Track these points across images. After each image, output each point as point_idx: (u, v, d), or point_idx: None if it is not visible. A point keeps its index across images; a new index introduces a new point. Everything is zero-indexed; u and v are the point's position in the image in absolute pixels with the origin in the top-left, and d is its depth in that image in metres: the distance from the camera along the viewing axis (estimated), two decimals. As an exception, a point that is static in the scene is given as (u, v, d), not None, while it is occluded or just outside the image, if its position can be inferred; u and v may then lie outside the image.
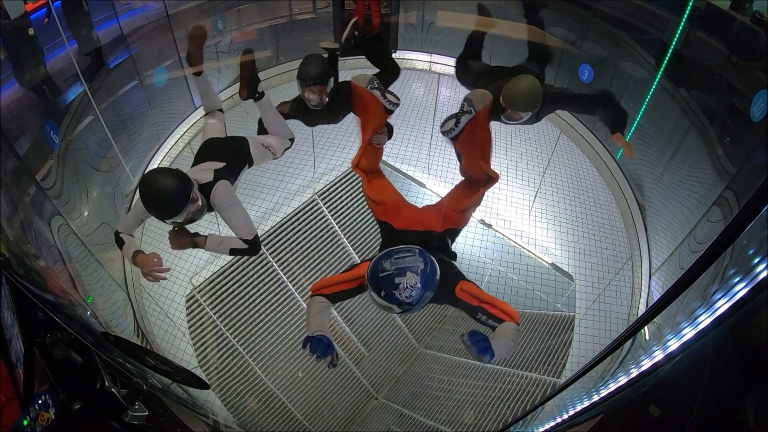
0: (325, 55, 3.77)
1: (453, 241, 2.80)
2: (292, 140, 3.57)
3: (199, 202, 2.62)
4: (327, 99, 3.32)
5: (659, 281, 4.41)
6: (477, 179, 2.86)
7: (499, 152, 6.82)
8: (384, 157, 6.88)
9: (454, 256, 2.70)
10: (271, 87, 6.07)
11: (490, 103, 2.55)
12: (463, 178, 3.05)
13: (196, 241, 2.81)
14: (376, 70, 4.01)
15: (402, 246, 2.18)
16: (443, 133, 2.70)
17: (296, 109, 3.60)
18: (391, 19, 6.59)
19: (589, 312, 5.08)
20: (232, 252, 2.87)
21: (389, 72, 3.95)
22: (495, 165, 6.73)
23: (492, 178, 2.85)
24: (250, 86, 3.32)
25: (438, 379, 6.67)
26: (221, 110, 3.49)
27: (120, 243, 2.79)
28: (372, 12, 5.88)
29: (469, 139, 2.67)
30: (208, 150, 3.09)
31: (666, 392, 1.32)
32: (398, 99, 3.07)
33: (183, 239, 2.80)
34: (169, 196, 2.42)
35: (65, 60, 4.24)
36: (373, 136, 3.07)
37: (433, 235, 2.64)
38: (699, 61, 4.33)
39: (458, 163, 3.08)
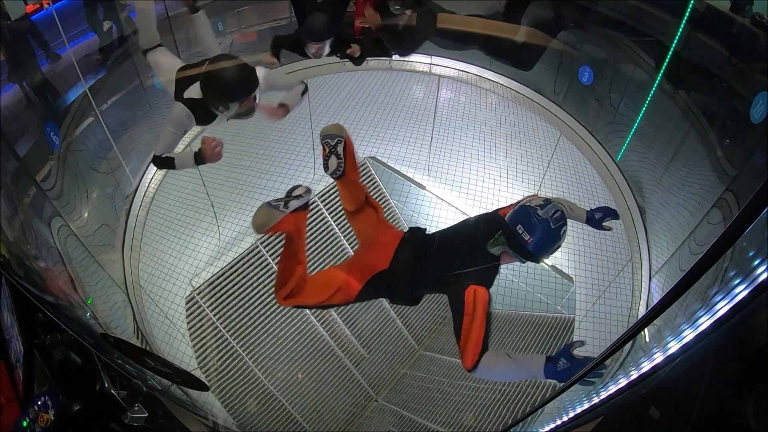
0: None
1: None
2: None
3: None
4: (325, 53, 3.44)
5: (659, 283, 4.41)
6: (361, 202, 2.62)
7: (499, 153, 6.84)
8: (384, 159, 6.94)
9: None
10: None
11: (349, 137, 2.41)
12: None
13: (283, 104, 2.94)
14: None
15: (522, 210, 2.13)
16: (332, 174, 2.37)
17: (282, 43, 3.72)
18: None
19: (589, 314, 5.08)
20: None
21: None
22: (495, 166, 6.75)
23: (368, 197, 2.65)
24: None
25: (438, 381, 6.66)
26: None
27: (168, 162, 2.69)
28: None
29: (353, 171, 2.45)
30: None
31: (666, 394, 1.32)
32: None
33: (273, 108, 2.89)
34: (249, 70, 2.59)
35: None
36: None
37: (413, 233, 2.50)
38: (699, 62, 4.34)
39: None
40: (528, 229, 2.07)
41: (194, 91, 2.71)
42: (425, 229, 2.51)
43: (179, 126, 2.71)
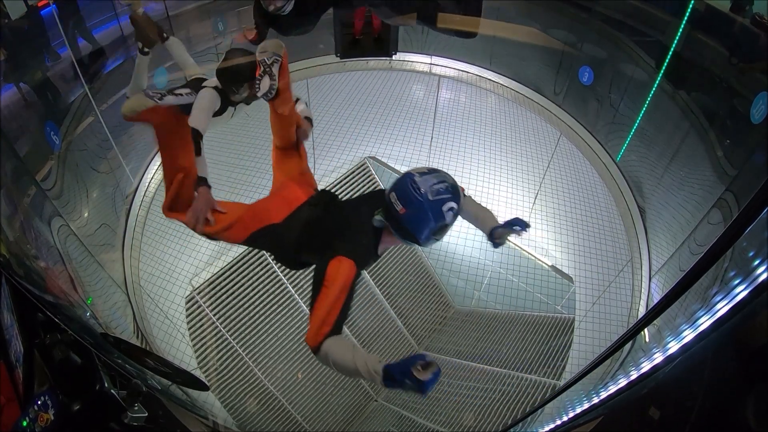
0: None
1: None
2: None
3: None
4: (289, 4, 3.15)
5: (659, 283, 4.41)
6: (289, 142, 2.57)
7: (499, 153, 6.84)
8: (384, 159, 6.94)
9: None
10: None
11: (284, 49, 2.32)
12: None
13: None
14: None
15: (404, 178, 1.83)
16: (264, 96, 2.24)
17: (261, 23, 3.42)
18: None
19: (589, 314, 5.08)
20: None
21: None
22: (495, 166, 6.76)
23: (303, 130, 2.56)
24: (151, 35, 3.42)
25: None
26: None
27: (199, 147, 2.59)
28: (373, 14, 5.88)
29: (286, 92, 2.33)
30: None
31: (666, 394, 1.32)
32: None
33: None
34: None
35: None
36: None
37: (321, 195, 2.34)
38: (699, 62, 4.34)
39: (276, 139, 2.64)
40: (401, 198, 1.76)
41: (212, 82, 2.75)
42: (336, 196, 2.33)
43: (211, 108, 2.72)
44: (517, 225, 2.19)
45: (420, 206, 1.73)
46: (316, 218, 2.17)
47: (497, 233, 2.20)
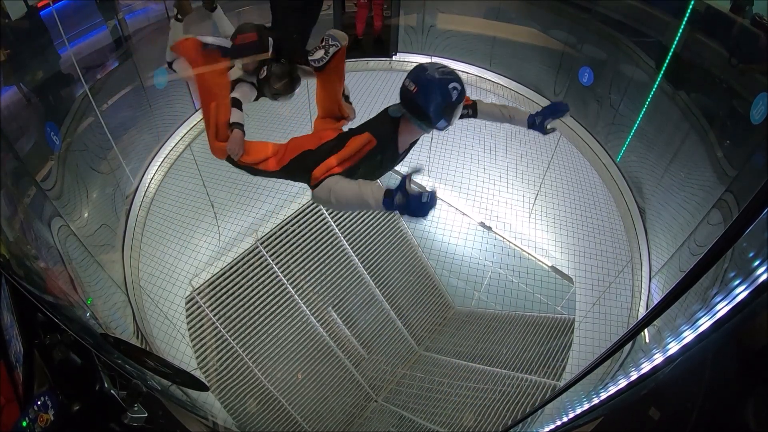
0: None
1: None
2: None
3: None
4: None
5: (659, 284, 4.41)
6: (331, 115, 2.84)
7: (499, 154, 6.85)
8: (384, 159, 6.93)
9: None
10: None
11: (347, 42, 2.54)
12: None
13: None
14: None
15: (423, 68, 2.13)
16: (313, 61, 2.50)
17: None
18: (391, 22, 6.61)
19: (589, 315, 5.07)
20: None
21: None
22: (495, 166, 6.76)
23: (345, 118, 2.85)
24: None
25: (438, 382, 6.66)
26: None
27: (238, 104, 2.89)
28: (374, 15, 5.88)
29: (334, 74, 2.64)
30: None
31: (666, 395, 1.32)
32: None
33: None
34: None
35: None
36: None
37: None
38: (699, 63, 4.34)
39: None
40: (414, 80, 2.08)
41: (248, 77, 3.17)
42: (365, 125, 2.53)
43: (248, 95, 3.09)
44: (556, 111, 2.52)
45: (429, 84, 2.06)
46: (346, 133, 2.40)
47: (538, 121, 2.53)
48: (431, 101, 2.07)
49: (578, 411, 1.70)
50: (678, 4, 4.28)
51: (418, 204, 1.74)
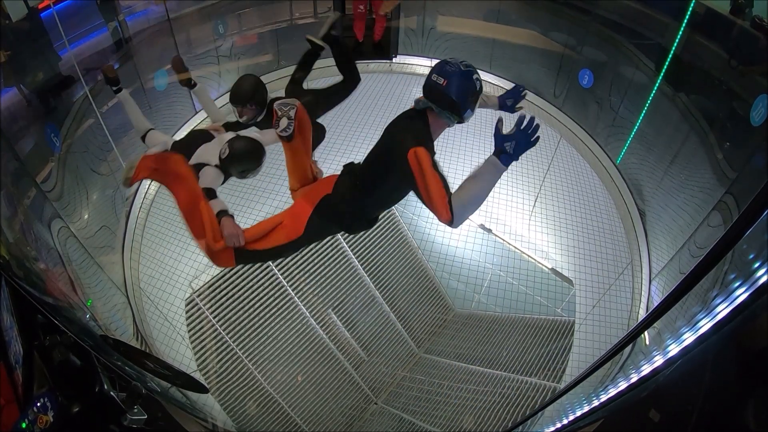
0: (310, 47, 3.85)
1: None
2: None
3: None
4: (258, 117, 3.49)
5: (659, 286, 4.41)
6: (305, 183, 2.71)
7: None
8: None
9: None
10: (272, 92, 6.08)
11: (300, 103, 2.48)
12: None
13: None
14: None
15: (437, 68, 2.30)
16: (282, 133, 2.41)
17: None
18: (391, 24, 6.62)
19: (589, 317, 5.07)
20: None
21: (350, 80, 3.88)
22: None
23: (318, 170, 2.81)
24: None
25: (437, 384, 6.65)
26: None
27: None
28: (377, 27, 5.80)
29: (301, 139, 2.51)
30: None
31: (666, 397, 1.32)
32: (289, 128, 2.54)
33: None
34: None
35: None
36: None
37: (347, 165, 2.58)
38: (699, 65, 4.35)
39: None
40: (442, 75, 2.25)
41: (213, 161, 3.06)
42: (359, 164, 2.57)
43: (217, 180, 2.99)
44: (518, 94, 2.72)
45: (457, 76, 2.25)
46: (363, 167, 2.45)
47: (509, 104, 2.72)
48: (462, 92, 2.24)
49: (578, 413, 1.70)
50: (678, 5, 4.29)
51: (526, 135, 2.07)
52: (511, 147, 2.07)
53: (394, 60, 6.87)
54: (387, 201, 2.59)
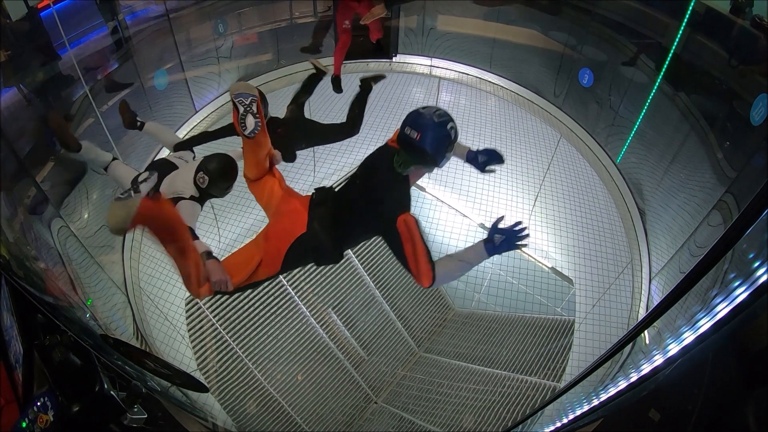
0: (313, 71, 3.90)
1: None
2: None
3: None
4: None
5: (659, 285, 4.41)
6: (264, 171, 2.62)
7: (499, 156, 6.83)
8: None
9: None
10: (272, 91, 6.09)
11: (260, 94, 2.42)
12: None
13: None
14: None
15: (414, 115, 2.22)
16: (251, 133, 2.31)
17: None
18: (391, 24, 6.62)
19: (589, 316, 5.07)
20: None
21: (351, 127, 4.00)
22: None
23: (275, 156, 2.67)
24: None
25: (437, 383, 6.66)
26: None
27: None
28: (371, 29, 5.64)
29: (263, 136, 2.43)
30: None
31: (666, 396, 1.32)
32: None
33: None
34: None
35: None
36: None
37: (320, 192, 2.50)
38: (699, 65, 4.34)
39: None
40: (414, 127, 2.16)
41: (188, 194, 3.14)
42: (332, 187, 2.52)
43: (195, 215, 3.13)
44: (495, 158, 2.71)
45: (431, 128, 2.16)
46: (337, 209, 2.39)
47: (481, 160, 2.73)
48: (436, 144, 2.18)
49: (578, 412, 1.70)
50: (678, 5, 4.29)
51: (514, 237, 2.14)
52: (499, 240, 2.14)
53: (394, 59, 6.87)
54: (360, 243, 2.64)
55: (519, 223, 2.16)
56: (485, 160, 2.71)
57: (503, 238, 2.14)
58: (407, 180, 2.33)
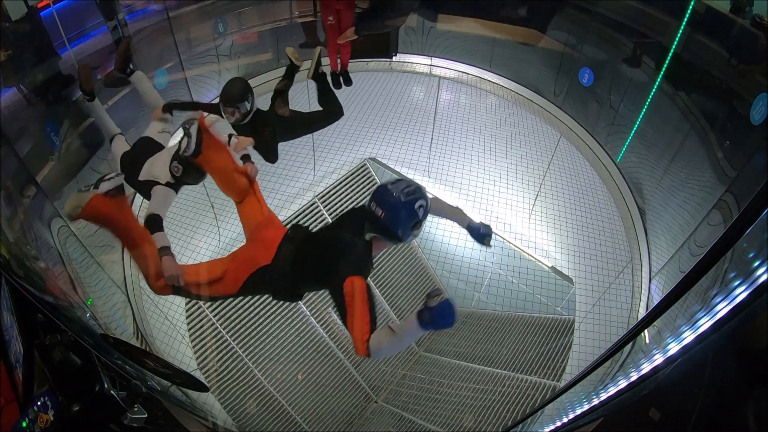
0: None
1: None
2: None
3: None
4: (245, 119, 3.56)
5: (659, 284, 4.41)
6: (245, 191, 2.66)
7: (499, 154, 6.84)
8: (384, 160, 6.94)
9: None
10: (271, 91, 6.07)
11: (201, 116, 2.48)
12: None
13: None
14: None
15: (385, 188, 2.19)
16: (182, 154, 2.44)
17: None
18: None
19: (589, 315, 5.07)
20: None
21: (331, 113, 4.08)
22: (495, 167, 6.76)
23: (248, 171, 2.71)
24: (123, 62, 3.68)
25: (437, 383, 6.66)
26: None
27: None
28: (342, 51, 5.52)
29: (215, 152, 2.52)
30: None
31: (666, 396, 1.32)
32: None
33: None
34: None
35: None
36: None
37: (295, 230, 2.53)
38: (699, 64, 4.34)
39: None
40: (380, 204, 2.13)
41: (163, 179, 3.13)
42: (308, 227, 2.55)
43: (168, 200, 3.11)
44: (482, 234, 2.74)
45: (396, 207, 2.12)
46: (305, 252, 2.37)
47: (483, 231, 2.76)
48: (400, 224, 2.15)
49: (578, 412, 1.70)
50: (678, 4, 4.29)
51: (438, 312, 2.02)
52: (427, 318, 2.03)
53: (394, 58, 6.87)
54: (316, 290, 2.69)
55: (447, 300, 2.06)
56: (486, 231, 2.78)
57: (433, 315, 2.03)
58: (369, 246, 2.30)
